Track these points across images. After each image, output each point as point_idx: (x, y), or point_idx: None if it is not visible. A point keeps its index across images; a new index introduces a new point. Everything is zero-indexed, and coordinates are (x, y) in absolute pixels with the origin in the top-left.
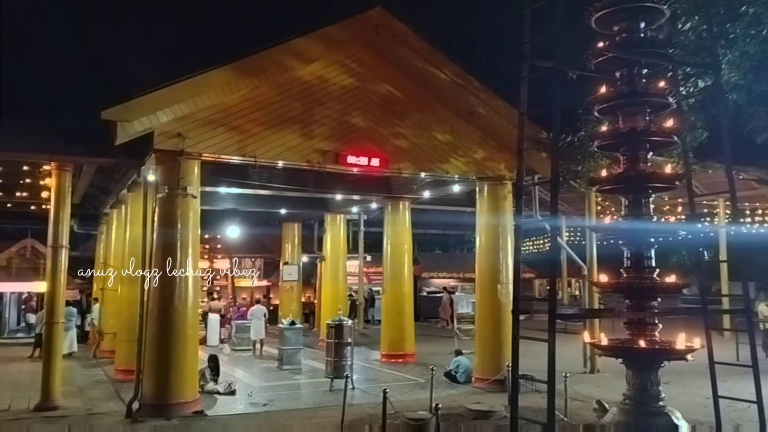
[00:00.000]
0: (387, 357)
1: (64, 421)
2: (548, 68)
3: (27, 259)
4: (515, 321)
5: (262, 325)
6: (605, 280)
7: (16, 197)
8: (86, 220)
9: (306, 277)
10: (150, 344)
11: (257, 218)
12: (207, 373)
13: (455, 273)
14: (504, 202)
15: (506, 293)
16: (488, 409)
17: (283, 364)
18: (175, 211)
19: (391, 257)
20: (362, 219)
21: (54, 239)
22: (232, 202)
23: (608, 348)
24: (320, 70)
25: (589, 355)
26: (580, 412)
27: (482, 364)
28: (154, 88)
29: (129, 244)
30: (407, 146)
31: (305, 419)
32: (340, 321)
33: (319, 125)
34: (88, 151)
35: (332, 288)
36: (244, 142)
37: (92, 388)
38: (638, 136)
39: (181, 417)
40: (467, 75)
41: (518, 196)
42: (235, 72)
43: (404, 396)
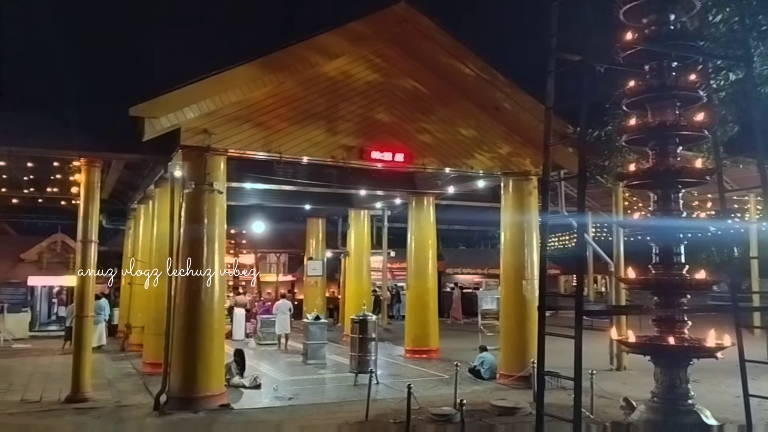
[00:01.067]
0: (411, 352)
1: (94, 413)
2: (575, 62)
3: (57, 253)
4: (541, 317)
5: (287, 320)
6: (633, 277)
7: (46, 193)
8: (115, 215)
9: (330, 272)
10: (177, 338)
11: (282, 214)
12: (233, 367)
13: (479, 269)
14: (529, 197)
15: (531, 289)
16: (513, 406)
17: (307, 359)
18: (201, 207)
19: (415, 253)
20: (386, 215)
21: (84, 234)
22: (257, 198)
23: (636, 345)
24: (345, 65)
25: (615, 352)
26: (607, 409)
27: (507, 360)
28: (181, 85)
29: (156, 239)
30: (432, 141)
31: (330, 413)
32: (365, 316)
33: (344, 121)
34: (116, 147)
35: (356, 283)
36: (269, 138)
37: (121, 381)
38: (668, 131)
39: (207, 410)
40: (492, 69)
41: (544, 192)
42: (261, 68)
43: (428, 391)
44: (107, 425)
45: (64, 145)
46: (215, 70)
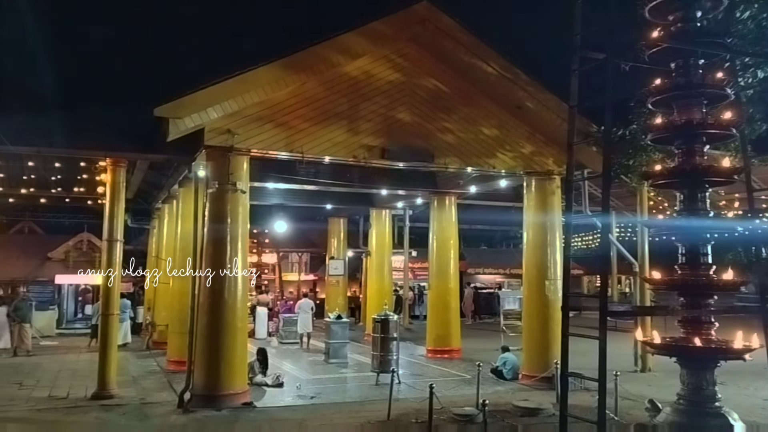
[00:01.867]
0: (432, 352)
1: (120, 410)
2: (600, 60)
3: (83, 252)
4: (565, 318)
5: (310, 319)
6: (659, 277)
7: (73, 192)
8: (139, 214)
9: (351, 271)
10: (201, 336)
11: (304, 213)
12: (256, 366)
13: (501, 269)
14: (552, 197)
15: (554, 290)
16: (536, 407)
17: (329, 358)
18: (225, 206)
19: (436, 253)
20: (407, 214)
21: (109, 233)
22: (279, 198)
23: (662, 347)
24: (366, 65)
25: (640, 353)
26: (631, 411)
27: (529, 361)
28: (205, 85)
29: (180, 238)
30: (453, 141)
31: (352, 413)
32: (386, 316)
33: (365, 120)
34: (141, 148)
35: (377, 283)
36: (291, 138)
37: (145, 378)
38: (694, 129)
39: (230, 408)
40: (515, 68)
41: (568, 191)
42: (283, 68)
43: (450, 391)
44: (132, 422)
45: (91, 146)
46: (238, 70)
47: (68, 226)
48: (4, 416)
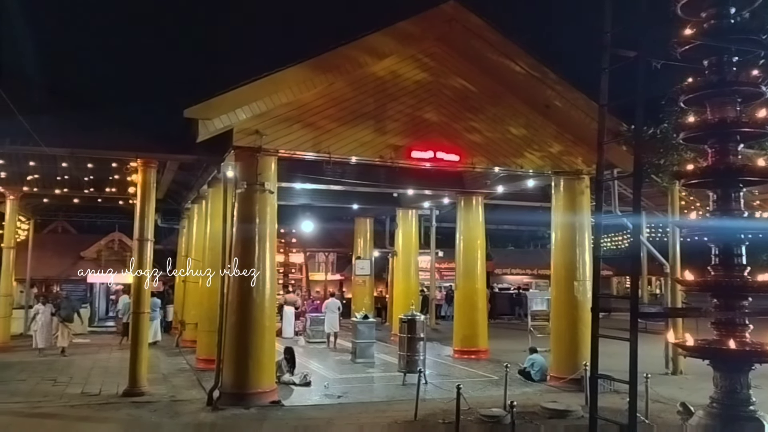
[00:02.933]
0: (459, 353)
1: (150, 407)
2: (631, 58)
3: (115, 251)
4: (595, 319)
5: (337, 318)
6: (691, 278)
7: (105, 193)
8: (169, 214)
9: (378, 271)
10: (229, 335)
11: (330, 213)
12: (283, 365)
13: (529, 269)
14: (581, 197)
15: (583, 291)
16: (565, 409)
17: (356, 357)
18: (253, 206)
19: (463, 253)
20: (434, 214)
21: (140, 233)
22: (306, 198)
23: (695, 349)
24: (393, 65)
25: (671, 355)
26: (662, 414)
27: (558, 362)
28: (234, 86)
29: (209, 237)
30: (481, 140)
31: (379, 412)
32: (413, 316)
33: (392, 120)
34: (171, 148)
35: (404, 283)
36: (318, 139)
37: (175, 376)
38: (728, 128)
39: (258, 406)
40: (543, 67)
41: (598, 191)
42: (311, 69)
43: (477, 392)
44: (163, 419)
45: (122, 147)
46: (267, 71)
47: (100, 225)
48: (39, 411)
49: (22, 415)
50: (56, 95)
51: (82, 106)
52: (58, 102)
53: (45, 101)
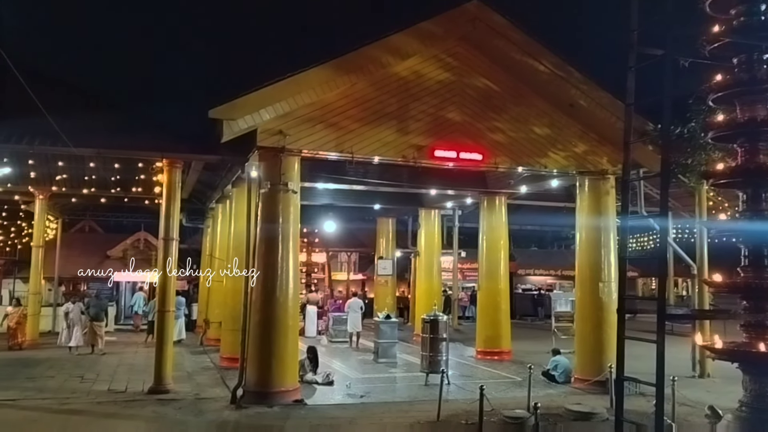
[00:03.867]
0: (482, 354)
1: (175, 404)
2: (658, 56)
3: (141, 250)
4: (621, 320)
5: (359, 318)
6: (720, 280)
7: (131, 192)
8: (194, 214)
9: (400, 271)
10: (253, 334)
11: (352, 213)
12: (306, 364)
13: (552, 270)
14: (606, 197)
15: (608, 292)
16: (589, 411)
17: (378, 357)
18: (276, 206)
19: (486, 253)
20: (457, 214)
21: (165, 232)
22: (328, 198)
23: (724, 351)
24: (416, 65)
25: (698, 358)
26: (689, 417)
27: (582, 364)
28: (258, 87)
29: (233, 237)
30: (504, 140)
31: (401, 412)
32: (436, 316)
33: (415, 120)
34: (196, 149)
35: (426, 283)
36: (341, 139)
37: (200, 374)
38: (758, 126)
39: (282, 405)
40: (568, 66)
41: (624, 191)
42: (334, 70)
43: (500, 393)
44: (187, 417)
45: (148, 147)
46: (290, 72)
47: (126, 225)
48: (67, 408)
49: (50, 411)
50: (84, 96)
51: (109, 107)
52: (86, 103)
53: (73, 102)
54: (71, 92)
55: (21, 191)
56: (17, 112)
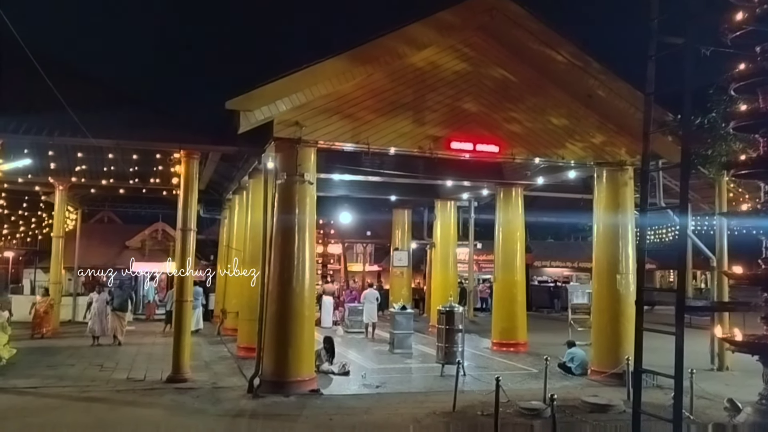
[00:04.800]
0: (498, 345)
1: (193, 393)
2: (678, 45)
3: (158, 241)
4: (639, 312)
5: (375, 309)
6: (740, 272)
7: (149, 183)
8: (211, 205)
9: (415, 263)
10: (270, 324)
11: (368, 205)
12: (322, 354)
13: (569, 262)
14: (624, 188)
15: (626, 284)
16: (606, 403)
17: (394, 348)
18: (293, 197)
19: (502, 245)
20: (473, 206)
21: (183, 222)
22: (344, 189)
23: (744, 344)
24: (433, 55)
25: (717, 351)
26: (707, 411)
27: (599, 356)
28: (274, 78)
29: (250, 228)
30: (521, 131)
31: (417, 403)
32: (452, 307)
33: (431, 111)
34: (214, 140)
35: (442, 275)
36: (357, 130)
37: (217, 364)
38: None
39: (298, 395)
40: (586, 56)
41: (644, 182)
42: (350, 60)
43: (516, 385)
44: (205, 405)
45: (166, 138)
46: (306, 63)
47: (144, 216)
48: (87, 395)
49: (71, 398)
50: (103, 88)
51: (127, 98)
52: (105, 95)
53: (92, 94)
54: (91, 84)
55: (41, 182)
56: (38, 104)
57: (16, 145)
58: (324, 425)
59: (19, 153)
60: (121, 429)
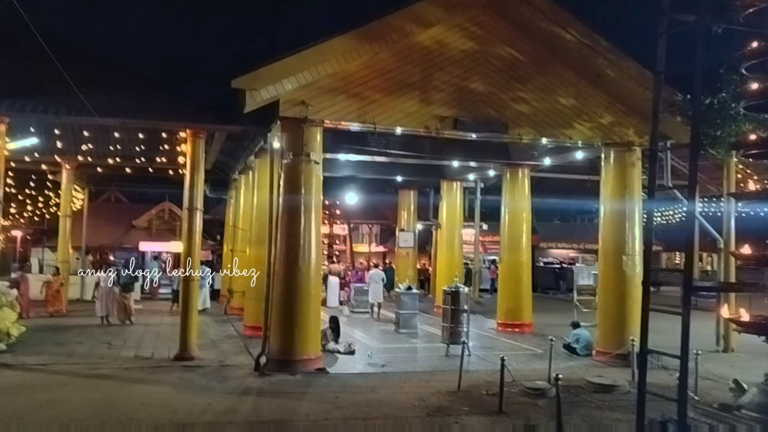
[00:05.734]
0: (503, 326)
1: (200, 371)
2: (690, 22)
3: (165, 220)
4: (646, 292)
5: (380, 289)
6: (749, 252)
7: (156, 163)
8: (217, 185)
9: (421, 244)
10: (276, 303)
11: (374, 185)
12: (328, 333)
13: (575, 244)
14: (632, 169)
15: (632, 265)
16: (611, 383)
17: (399, 328)
18: (299, 177)
19: (508, 226)
20: (479, 187)
21: (189, 202)
22: (350, 169)
23: (750, 325)
24: (440, 34)
25: (722, 333)
26: (712, 392)
27: (604, 337)
28: (280, 57)
29: (256, 208)
30: (528, 111)
31: (422, 382)
32: (457, 288)
33: (438, 91)
34: (219, 119)
35: (448, 255)
36: (363, 109)
37: (224, 342)
38: None
39: (304, 373)
40: (595, 35)
41: (652, 162)
42: (356, 39)
43: (521, 365)
44: (212, 383)
45: (172, 117)
46: (312, 42)
47: (151, 195)
48: (95, 373)
49: (80, 375)
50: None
51: (133, 78)
52: (111, 74)
53: (98, 73)
54: (96, 64)
55: (48, 161)
56: (45, 83)
57: (23, 124)
58: (330, 403)
59: (26, 132)
60: (130, 405)
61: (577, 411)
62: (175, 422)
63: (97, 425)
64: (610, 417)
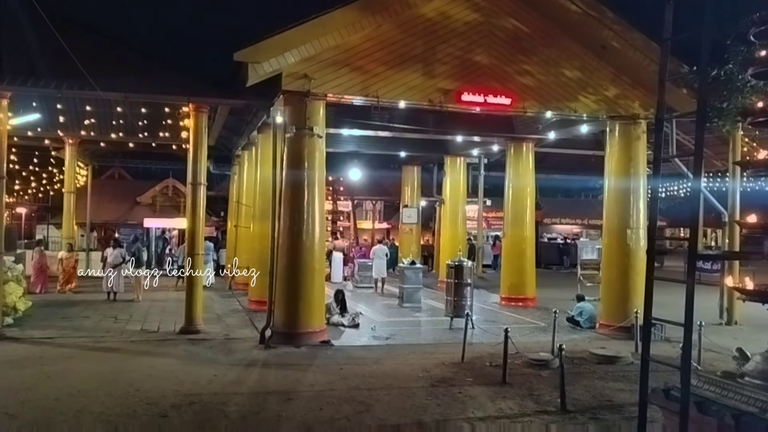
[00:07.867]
0: (506, 300)
1: (206, 344)
2: None
3: (169, 197)
4: (650, 262)
5: (384, 264)
6: (754, 220)
7: (159, 138)
8: (220, 161)
9: (425, 220)
10: (280, 277)
11: (377, 161)
12: (333, 307)
13: (579, 219)
14: (637, 142)
15: (636, 239)
16: (614, 355)
17: (403, 302)
18: (302, 151)
19: (512, 200)
20: (483, 162)
21: (193, 176)
22: (353, 145)
23: (755, 293)
24: (443, 5)
25: (726, 305)
26: (715, 363)
27: (608, 310)
28: (282, 29)
29: (260, 183)
30: (533, 84)
31: (426, 354)
32: (460, 262)
33: (441, 64)
34: (222, 93)
35: (451, 231)
36: (366, 83)
37: (229, 316)
38: None
39: (309, 345)
40: (600, 6)
41: (658, 130)
42: (359, 11)
43: (525, 338)
44: (218, 355)
45: (175, 91)
46: (315, 14)
47: (155, 172)
48: (102, 346)
49: (87, 348)
50: (111, 41)
51: (136, 51)
52: (113, 48)
53: (100, 47)
54: (98, 38)
55: (51, 137)
56: (46, 57)
57: (26, 98)
58: (334, 374)
59: (28, 107)
60: (136, 376)
61: (580, 382)
62: (181, 393)
63: (104, 396)
64: (613, 387)
